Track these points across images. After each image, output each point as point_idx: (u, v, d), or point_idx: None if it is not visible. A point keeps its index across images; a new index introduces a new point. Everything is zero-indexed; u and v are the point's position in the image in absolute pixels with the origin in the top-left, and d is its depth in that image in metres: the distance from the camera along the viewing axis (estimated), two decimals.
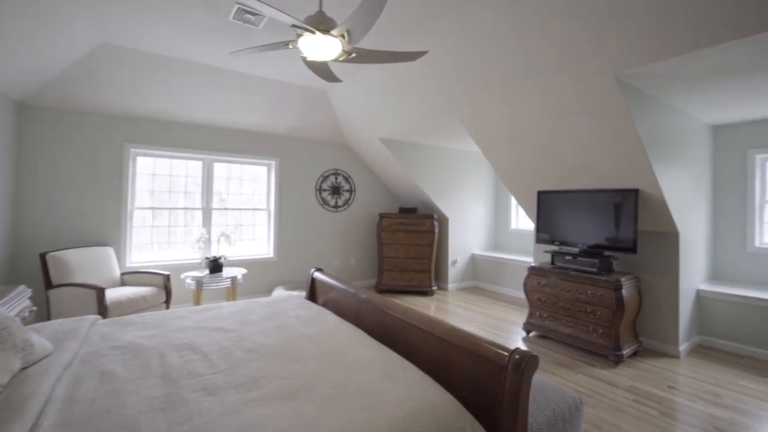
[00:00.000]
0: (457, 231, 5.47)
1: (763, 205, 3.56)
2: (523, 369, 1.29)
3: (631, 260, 3.33)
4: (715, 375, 2.71)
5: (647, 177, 2.90)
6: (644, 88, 2.70)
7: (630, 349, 2.99)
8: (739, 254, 3.59)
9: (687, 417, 2.17)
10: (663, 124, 2.96)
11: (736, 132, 3.65)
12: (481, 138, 3.75)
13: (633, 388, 2.50)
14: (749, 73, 2.39)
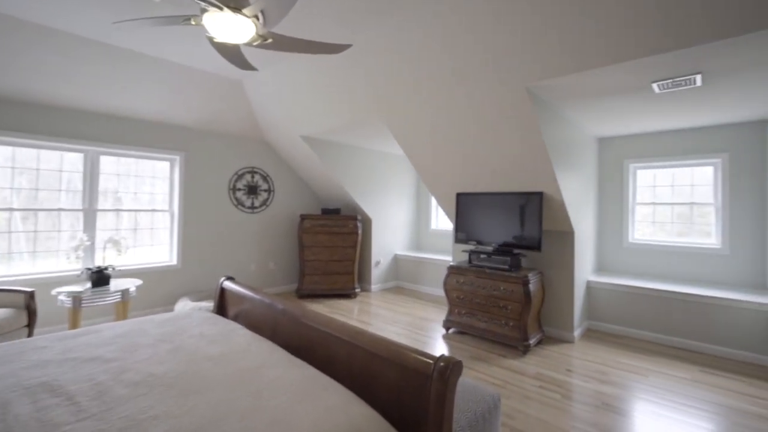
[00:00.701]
0: (381, 232, 5.49)
1: (634, 206, 4.20)
2: (448, 376, 1.27)
3: (536, 257, 3.66)
4: (602, 355, 3.11)
5: (550, 181, 3.20)
6: (549, 100, 2.97)
7: (535, 339, 3.27)
8: (617, 249, 4.20)
9: (582, 397, 2.43)
10: (562, 134, 3.29)
11: (615, 144, 4.26)
12: (406, 141, 3.78)
13: (539, 375, 2.72)
14: (623, 94, 2.77)
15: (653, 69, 2.33)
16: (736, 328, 3.08)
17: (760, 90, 2.62)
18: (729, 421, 2.16)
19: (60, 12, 2.68)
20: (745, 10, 1.78)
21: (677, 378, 2.70)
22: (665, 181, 4.06)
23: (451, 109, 3.14)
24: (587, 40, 2.22)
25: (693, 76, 2.41)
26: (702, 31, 1.94)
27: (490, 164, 3.46)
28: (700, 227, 3.82)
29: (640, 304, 3.53)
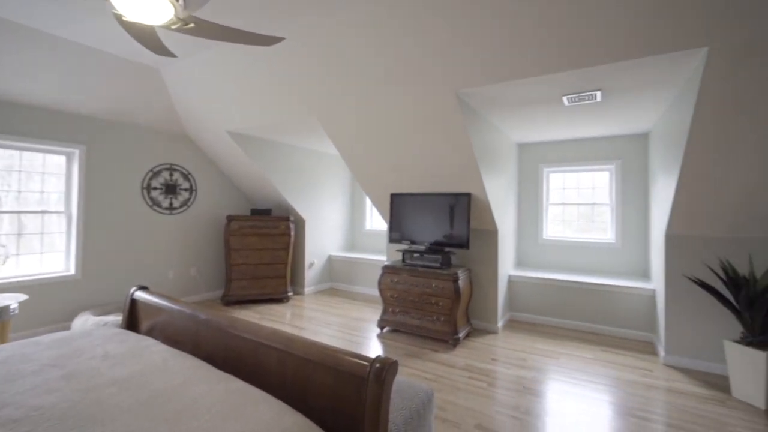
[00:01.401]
0: (315, 233, 5.37)
1: (547, 206, 4.66)
2: (384, 377, 1.27)
3: (465, 254, 3.87)
4: (522, 343, 3.39)
5: (477, 183, 3.41)
6: (476, 107, 3.15)
7: (464, 332, 3.46)
8: (534, 245, 4.62)
9: (505, 383, 2.62)
10: (488, 139, 3.52)
11: (532, 150, 4.69)
12: (340, 140, 3.74)
13: (468, 366, 2.88)
14: (539, 105, 3.06)
15: (563, 84, 2.60)
16: (627, 310, 3.58)
17: (645, 107, 3.08)
18: (624, 392, 2.50)
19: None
20: (637, 38, 2.07)
21: (583, 358, 3.06)
22: (572, 184, 4.58)
23: (385, 110, 3.17)
24: (508, 54, 2.40)
25: (594, 92, 2.73)
26: (601, 54, 2.20)
27: (422, 166, 3.58)
28: (599, 224, 4.38)
29: (553, 294, 3.94)
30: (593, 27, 2.10)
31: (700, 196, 2.65)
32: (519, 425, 2.11)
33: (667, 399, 2.41)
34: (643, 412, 2.26)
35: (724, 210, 2.67)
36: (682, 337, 2.92)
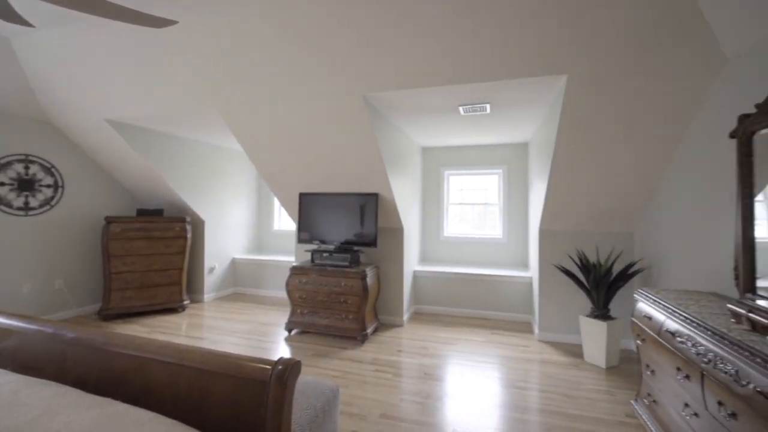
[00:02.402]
0: (216, 234, 4.97)
1: (448, 206, 5.09)
2: (286, 379, 1.26)
3: (373, 252, 4.01)
4: (425, 333, 3.65)
5: (384, 184, 3.55)
6: (383, 110, 3.28)
7: (372, 327, 3.59)
8: (436, 241, 5.00)
9: (409, 371, 2.80)
10: (395, 142, 3.70)
11: (435, 153, 5.06)
12: (245, 137, 3.53)
13: (375, 360, 3.00)
14: (439, 113, 3.33)
15: (459, 95, 2.87)
16: (511, 296, 4.12)
17: (525, 120, 3.57)
18: (509, 368, 2.87)
19: None
20: (515, 61, 2.39)
21: (476, 342, 3.43)
22: (469, 186, 5.08)
23: (292, 108, 3.10)
24: (412, 63, 2.56)
25: (484, 104, 3.08)
26: (488, 72, 2.50)
27: (331, 166, 3.59)
28: (490, 222, 4.94)
29: (452, 286, 4.32)
30: (483, 48, 2.36)
31: (564, 198, 3.19)
32: (421, 409, 2.28)
33: (540, 369, 2.86)
34: (522, 383, 2.63)
35: (580, 209, 3.26)
36: (551, 315, 3.48)
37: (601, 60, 2.27)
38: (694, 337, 1.57)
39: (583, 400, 2.38)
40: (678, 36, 2.09)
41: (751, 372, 1.23)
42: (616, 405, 2.32)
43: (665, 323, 1.82)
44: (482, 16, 2.20)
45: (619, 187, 2.99)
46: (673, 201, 2.69)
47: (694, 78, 2.26)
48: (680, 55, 2.17)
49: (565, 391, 2.50)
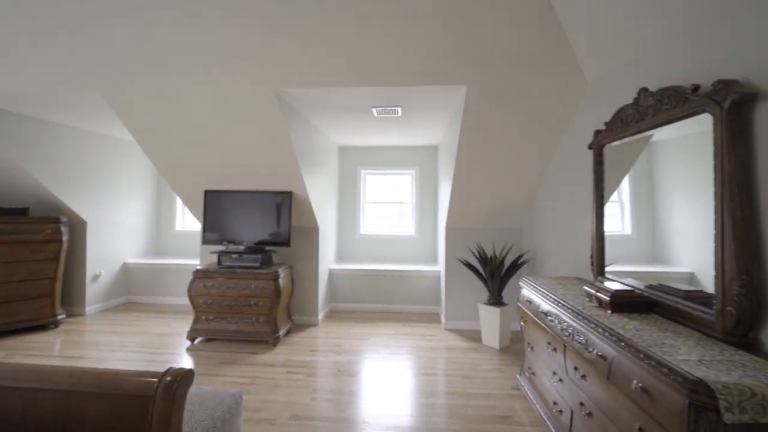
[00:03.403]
0: (102, 237, 4.34)
1: (365, 205, 5.18)
2: (175, 391, 1.17)
3: (286, 252, 3.90)
4: (339, 331, 3.68)
5: (298, 182, 3.48)
6: (298, 107, 3.21)
7: (285, 329, 3.49)
8: (353, 239, 5.06)
9: (322, 370, 2.80)
10: (310, 140, 3.64)
11: (352, 153, 5.10)
12: (138, 127, 3.14)
13: (287, 362, 2.93)
14: (354, 113, 3.38)
15: (372, 97, 2.95)
16: (421, 290, 4.37)
17: (434, 124, 3.80)
18: (417, 357, 3.05)
19: None
20: (422, 70, 2.54)
21: (387, 335, 3.56)
22: (385, 185, 5.24)
23: (196, 99, 2.86)
24: (326, 62, 2.56)
25: (396, 107, 3.21)
26: (399, 77, 2.61)
27: (241, 162, 3.40)
28: (404, 220, 5.16)
29: (367, 282, 4.42)
30: (393, 54, 2.47)
31: (466, 198, 3.49)
32: (333, 405, 2.30)
33: (445, 355, 3.09)
34: (429, 369, 2.82)
35: (480, 208, 3.60)
36: (455, 305, 3.78)
37: (493, 75, 2.54)
38: (559, 315, 1.86)
39: (479, 380, 2.64)
40: (550, 59, 2.44)
41: (595, 340, 1.50)
42: (505, 380, 2.63)
43: (541, 305, 2.12)
44: (391, 25, 2.30)
45: (511, 188, 3.38)
46: (550, 201, 3.13)
47: (563, 97, 2.66)
48: (552, 76, 2.53)
49: (464, 373, 2.75)
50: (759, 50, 1.29)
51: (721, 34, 1.45)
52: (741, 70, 1.35)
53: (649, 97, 1.74)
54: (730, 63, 1.40)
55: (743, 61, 1.35)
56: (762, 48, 1.28)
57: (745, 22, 1.35)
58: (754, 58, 1.31)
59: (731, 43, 1.40)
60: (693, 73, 1.58)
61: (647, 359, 1.18)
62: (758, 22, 1.30)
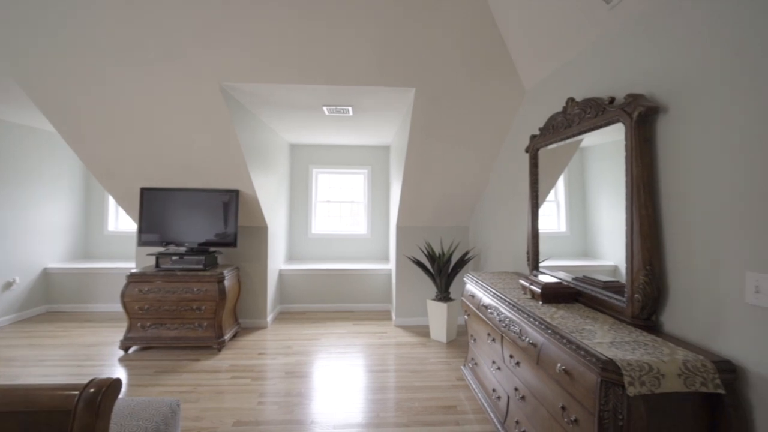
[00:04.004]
0: (16, 239, 3.87)
1: (316, 204, 5.11)
2: (99, 404, 1.09)
3: (233, 253, 3.74)
4: (289, 332, 3.60)
5: (245, 180, 3.35)
6: (245, 103, 3.09)
7: (231, 333, 3.36)
8: (304, 239, 4.97)
9: (270, 373, 2.73)
10: (259, 137, 3.52)
11: (304, 151, 5.01)
12: (60, 118, 2.84)
13: (232, 367, 2.82)
14: (305, 110, 3.32)
15: (322, 95, 2.92)
16: (373, 288, 4.41)
17: (386, 125, 3.85)
18: (370, 353, 3.08)
19: None
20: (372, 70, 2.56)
21: (339, 334, 3.56)
22: (337, 184, 5.21)
23: (128, 87, 2.64)
24: (275, 58, 2.49)
25: (347, 107, 3.21)
26: (349, 76, 2.61)
27: (183, 158, 3.20)
28: (357, 219, 5.17)
29: (318, 282, 4.37)
30: (345, 53, 2.47)
31: (416, 197, 3.58)
32: (280, 408, 2.25)
33: (395, 351, 3.15)
34: (379, 366, 2.86)
35: (429, 207, 3.71)
36: (405, 302, 3.87)
37: (440, 79, 2.64)
38: (498, 307, 1.98)
39: (426, 373, 2.73)
40: (492, 67, 2.59)
41: (527, 329, 1.62)
42: (451, 372, 2.74)
43: (482, 299, 2.24)
44: (340, 24, 2.30)
45: (458, 188, 3.52)
46: (493, 200, 3.32)
47: (504, 103, 2.83)
48: (494, 83, 2.68)
49: (413, 368, 2.82)
50: (659, 70, 1.47)
51: (631, 54, 1.63)
52: (647, 86, 1.53)
53: (575, 107, 1.91)
54: (639, 79, 1.58)
55: (649, 79, 1.53)
56: (661, 68, 1.46)
57: (647, 46, 1.54)
58: (656, 76, 1.49)
59: (639, 62, 1.58)
60: (611, 87, 1.76)
61: (569, 344, 1.30)
62: (658, 46, 1.48)
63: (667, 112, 1.42)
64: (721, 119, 1.22)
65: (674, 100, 1.39)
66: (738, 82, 1.16)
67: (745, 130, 1.14)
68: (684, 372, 1.09)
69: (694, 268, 1.30)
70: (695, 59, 1.31)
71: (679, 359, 1.12)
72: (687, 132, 1.34)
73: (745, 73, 1.14)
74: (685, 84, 1.35)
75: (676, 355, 1.14)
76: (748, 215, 1.13)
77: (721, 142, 1.21)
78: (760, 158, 1.10)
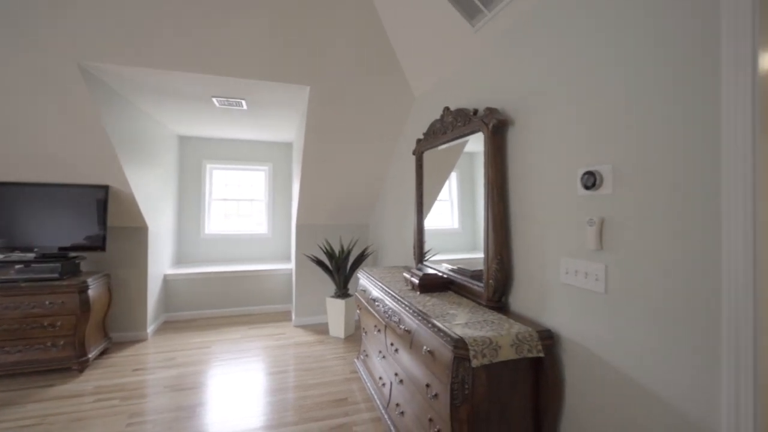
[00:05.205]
0: None
1: (211, 202, 4.73)
2: None
3: (101, 258, 3.26)
4: (175, 343, 3.28)
5: (117, 174, 2.94)
6: (117, 88, 2.71)
7: (98, 350, 2.92)
8: (196, 240, 4.56)
9: (147, 389, 2.45)
10: (136, 127, 3.11)
11: (195, 144, 4.58)
12: None
13: (98, 389, 2.46)
14: (193, 101, 3.05)
15: (211, 86, 2.72)
16: (274, 289, 4.27)
17: (286, 121, 3.74)
18: (265, 357, 2.97)
19: None
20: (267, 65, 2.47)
21: (233, 339, 3.37)
22: (234, 181, 4.89)
23: None
24: (150, 39, 2.24)
25: (240, 100, 3.04)
26: (242, 69, 2.49)
27: (36, 148, 2.68)
28: (256, 218, 4.94)
29: (212, 286, 4.07)
30: (234, 43, 2.34)
31: (315, 196, 3.57)
32: (153, 427, 2.04)
33: (292, 351, 3.11)
34: (276, 367, 2.79)
35: (328, 205, 3.73)
36: (305, 301, 3.84)
37: (334, 80, 2.68)
38: (384, 300, 2.11)
39: (320, 370, 2.75)
40: (385, 73, 2.72)
41: (405, 317, 1.76)
42: (346, 366, 2.82)
43: (371, 293, 2.35)
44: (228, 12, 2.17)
45: (357, 187, 3.61)
46: (389, 199, 3.49)
47: (397, 107, 3.00)
48: (387, 87, 2.83)
49: (307, 366, 2.82)
50: (510, 88, 1.73)
51: (491, 73, 1.89)
52: (502, 102, 1.78)
53: (450, 115, 2.13)
54: (496, 95, 1.83)
55: (503, 95, 1.78)
56: (511, 87, 1.72)
57: (502, 67, 1.80)
58: (508, 93, 1.75)
59: (497, 81, 1.84)
60: (478, 100, 2.01)
61: (433, 327, 1.45)
62: (509, 68, 1.74)
63: (515, 124, 1.68)
64: (549, 132, 1.49)
65: (519, 115, 1.65)
66: (561, 103, 1.44)
67: (565, 142, 1.42)
68: (516, 342, 1.31)
69: (531, 256, 1.56)
70: (532, 83, 1.58)
71: (514, 332, 1.34)
72: (525, 142, 1.61)
73: (567, 95, 1.42)
74: (524, 102, 1.62)
75: (513, 329, 1.37)
76: (560, 212, 1.40)
77: (550, 151, 1.48)
78: (575, 164, 1.38)
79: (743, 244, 0.86)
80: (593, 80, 1.28)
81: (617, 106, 1.19)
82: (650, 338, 1.08)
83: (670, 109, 1.04)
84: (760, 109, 0.85)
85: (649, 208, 1.09)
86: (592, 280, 1.25)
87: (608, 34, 1.22)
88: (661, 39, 1.06)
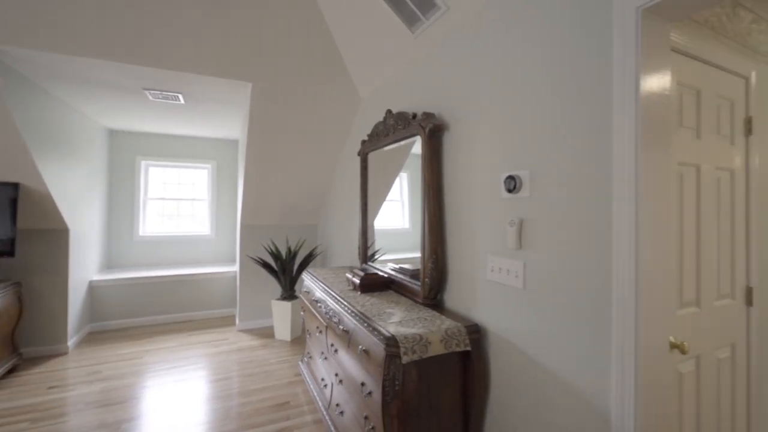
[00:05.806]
0: None
1: (146, 201, 4.40)
2: None
3: (9, 264, 2.91)
4: (100, 355, 3.02)
5: (30, 170, 2.64)
6: (31, 76, 2.44)
7: (4, 368, 2.60)
8: (129, 243, 4.22)
9: (64, 408, 2.23)
10: (52, 118, 2.81)
11: (127, 139, 4.23)
12: None
13: (3, 412, 2.19)
14: (122, 93, 2.82)
15: (142, 78, 2.53)
16: (217, 293, 4.08)
17: (230, 118, 3.57)
18: (207, 364, 2.82)
19: None
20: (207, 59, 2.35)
21: (169, 348, 3.16)
22: (173, 179, 4.59)
23: None
24: (76, 24, 2.04)
25: (176, 94, 2.86)
26: (178, 61, 2.34)
27: None
28: (198, 219, 4.68)
29: (146, 293, 3.79)
30: (170, 33, 2.20)
31: (259, 195, 3.46)
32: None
33: (236, 357, 2.99)
34: (220, 375, 2.66)
35: (274, 205, 3.64)
36: (250, 305, 3.71)
37: (277, 78, 2.62)
38: (326, 300, 2.10)
39: (266, 375, 2.68)
40: (330, 74, 2.71)
41: (344, 318, 1.77)
42: (290, 369, 2.77)
43: (316, 294, 2.33)
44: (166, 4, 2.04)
45: (304, 187, 3.56)
46: (337, 199, 3.48)
47: (344, 108, 3.00)
48: (333, 89, 2.82)
49: (250, 371, 2.73)
50: (445, 95, 1.80)
51: (429, 78, 1.95)
52: (439, 107, 1.85)
53: (391, 118, 2.17)
54: (434, 101, 1.90)
55: (440, 101, 1.86)
56: (447, 93, 1.80)
57: (438, 73, 1.87)
58: (443, 99, 1.82)
59: (434, 86, 1.91)
60: (418, 104, 2.07)
61: (368, 326, 1.48)
62: (444, 75, 1.82)
63: (450, 129, 1.76)
64: (479, 137, 1.58)
65: (453, 121, 1.73)
66: (487, 111, 1.53)
67: (491, 148, 1.51)
68: (445, 337, 1.37)
69: (463, 255, 1.64)
70: (464, 91, 1.66)
71: (444, 328, 1.40)
72: (458, 146, 1.69)
73: (491, 104, 1.51)
74: (458, 108, 1.69)
75: (443, 325, 1.43)
76: (488, 213, 1.49)
77: (479, 156, 1.57)
78: (499, 169, 1.47)
79: (627, 243, 0.98)
80: (513, 92, 1.37)
81: (533, 117, 1.29)
82: (559, 328, 1.18)
83: (575, 121, 1.15)
84: (642, 127, 0.97)
85: (558, 211, 1.19)
86: (512, 277, 1.34)
87: (524, 50, 1.32)
88: (567, 59, 1.17)
